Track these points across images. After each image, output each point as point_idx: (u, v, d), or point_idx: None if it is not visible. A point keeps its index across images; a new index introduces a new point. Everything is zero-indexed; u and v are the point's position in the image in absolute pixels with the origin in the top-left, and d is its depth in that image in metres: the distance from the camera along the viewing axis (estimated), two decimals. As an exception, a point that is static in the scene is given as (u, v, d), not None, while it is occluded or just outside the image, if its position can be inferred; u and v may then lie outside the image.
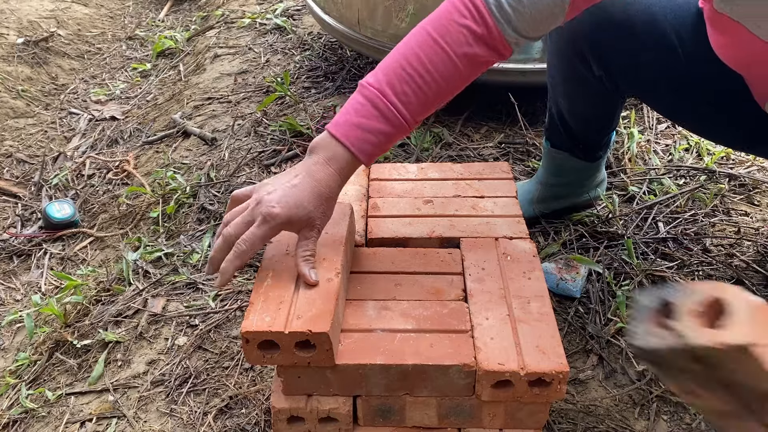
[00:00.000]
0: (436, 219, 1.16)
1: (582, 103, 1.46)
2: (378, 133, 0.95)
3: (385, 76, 0.95)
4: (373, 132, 0.94)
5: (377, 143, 0.95)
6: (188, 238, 1.79)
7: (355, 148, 0.94)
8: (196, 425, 1.26)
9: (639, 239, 1.59)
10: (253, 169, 2.02)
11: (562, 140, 1.55)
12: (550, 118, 1.55)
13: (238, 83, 2.58)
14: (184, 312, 1.53)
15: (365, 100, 0.95)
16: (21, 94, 2.88)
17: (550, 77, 1.50)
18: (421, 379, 0.92)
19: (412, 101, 0.94)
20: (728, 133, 1.32)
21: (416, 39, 0.96)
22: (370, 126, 0.94)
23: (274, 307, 0.92)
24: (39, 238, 2.07)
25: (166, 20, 3.80)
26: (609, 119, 1.51)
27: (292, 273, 0.98)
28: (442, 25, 0.95)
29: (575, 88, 1.44)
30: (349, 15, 2.14)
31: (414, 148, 1.99)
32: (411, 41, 0.97)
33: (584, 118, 1.49)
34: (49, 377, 1.49)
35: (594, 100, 1.44)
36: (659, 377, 0.78)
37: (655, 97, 1.36)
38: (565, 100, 1.48)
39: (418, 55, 0.94)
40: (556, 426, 1.20)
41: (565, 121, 1.51)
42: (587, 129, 1.51)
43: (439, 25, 0.95)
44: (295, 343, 0.89)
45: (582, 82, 1.39)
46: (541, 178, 1.64)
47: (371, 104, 0.95)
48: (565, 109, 1.49)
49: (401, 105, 0.94)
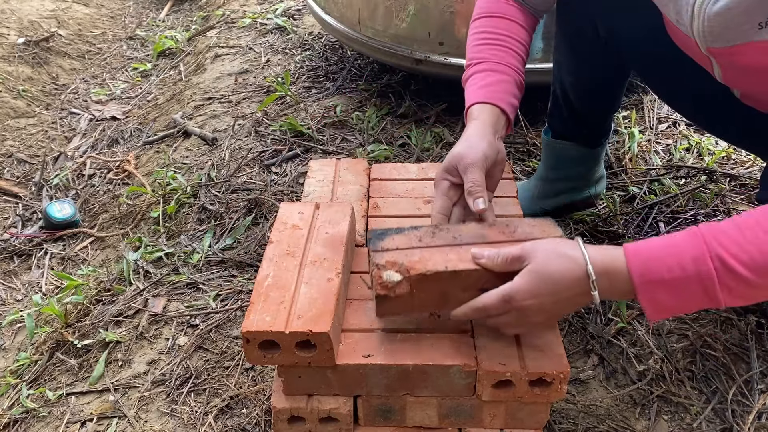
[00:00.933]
0: (436, 219, 1.15)
1: (586, 73, 1.46)
2: (502, 83, 1.16)
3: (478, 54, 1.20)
4: (497, 83, 1.16)
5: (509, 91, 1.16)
6: (189, 238, 1.79)
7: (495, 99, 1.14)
8: (196, 425, 1.26)
9: (639, 239, 1.59)
10: (253, 168, 2.02)
11: (564, 125, 1.55)
12: (554, 101, 1.55)
13: (238, 83, 2.58)
14: (184, 312, 1.53)
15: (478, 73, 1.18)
16: (22, 94, 2.88)
17: (556, 52, 1.50)
18: (422, 380, 0.93)
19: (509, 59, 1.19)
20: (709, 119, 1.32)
21: (480, 24, 1.24)
22: (494, 80, 1.16)
23: (274, 307, 0.92)
24: (39, 238, 2.07)
25: (166, 20, 3.80)
26: (612, 96, 1.51)
27: (293, 273, 0.98)
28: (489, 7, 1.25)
29: (580, 56, 1.43)
30: (349, 15, 2.14)
31: (415, 147, 1.99)
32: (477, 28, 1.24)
33: (588, 91, 1.48)
34: (49, 377, 1.49)
35: (598, 68, 1.43)
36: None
37: (647, 67, 1.34)
38: (570, 74, 1.48)
39: (490, 32, 1.21)
40: (556, 426, 1.20)
41: (569, 100, 1.50)
42: (591, 106, 1.51)
43: (486, 7, 1.25)
44: (296, 343, 0.89)
45: (587, 47, 1.39)
46: (541, 173, 1.65)
47: (479, 72, 1.17)
48: (569, 85, 1.49)
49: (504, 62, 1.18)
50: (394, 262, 0.90)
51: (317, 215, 1.10)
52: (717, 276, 0.81)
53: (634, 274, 0.83)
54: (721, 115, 1.26)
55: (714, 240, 0.82)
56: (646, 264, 0.84)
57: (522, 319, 0.89)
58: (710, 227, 0.84)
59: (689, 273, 0.82)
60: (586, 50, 1.41)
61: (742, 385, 1.26)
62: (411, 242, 0.95)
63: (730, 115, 1.22)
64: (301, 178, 1.93)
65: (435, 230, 0.97)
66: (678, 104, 1.43)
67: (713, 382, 1.28)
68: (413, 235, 0.96)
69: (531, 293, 0.86)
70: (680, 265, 0.82)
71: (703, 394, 1.27)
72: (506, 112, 1.14)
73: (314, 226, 1.07)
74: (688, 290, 0.83)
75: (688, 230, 0.85)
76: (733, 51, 0.94)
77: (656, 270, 0.83)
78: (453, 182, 1.06)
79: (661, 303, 0.84)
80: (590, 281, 0.85)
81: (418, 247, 0.93)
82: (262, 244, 1.69)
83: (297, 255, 1.02)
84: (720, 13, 0.90)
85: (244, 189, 1.92)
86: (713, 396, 1.26)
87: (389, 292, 0.88)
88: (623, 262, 0.84)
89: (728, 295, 0.82)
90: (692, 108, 1.36)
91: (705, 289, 0.82)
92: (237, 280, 1.61)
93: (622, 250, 0.86)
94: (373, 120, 2.12)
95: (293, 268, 0.99)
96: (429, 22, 1.93)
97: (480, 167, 1.04)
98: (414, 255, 0.91)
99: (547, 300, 0.86)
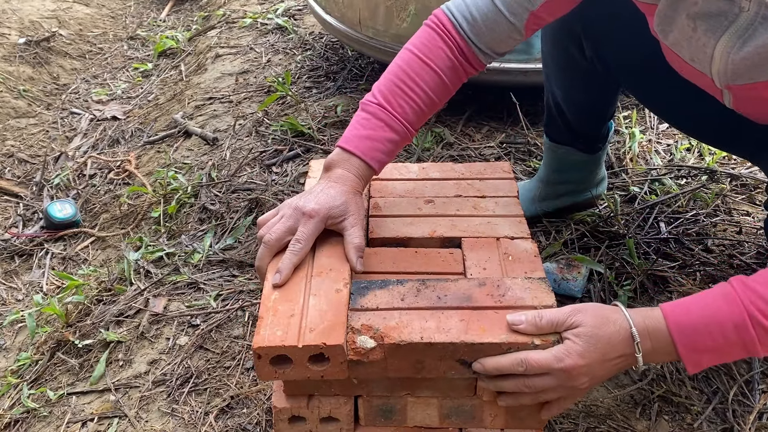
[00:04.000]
0: (437, 219, 1.16)
1: (576, 91, 1.46)
2: (385, 141, 1.07)
3: (381, 93, 1.09)
4: (381, 140, 1.07)
5: (386, 150, 1.08)
6: (189, 237, 1.79)
7: (367, 157, 1.06)
8: (197, 425, 1.26)
9: (640, 239, 1.59)
10: (254, 168, 2.02)
11: (561, 133, 1.55)
12: (548, 111, 1.55)
13: (239, 83, 2.59)
14: (185, 312, 1.53)
15: (368, 114, 1.08)
16: (22, 93, 2.88)
17: (545, 67, 1.49)
18: (424, 379, 0.92)
19: (408, 112, 1.08)
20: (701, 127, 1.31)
21: (403, 59, 1.11)
22: (377, 136, 1.07)
23: (284, 321, 0.90)
24: (40, 238, 2.07)
25: (167, 20, 3.80)
26: (604, 107, 1.50)
27: (300, 285, 0.97)
28: (423, 44, 1.11)
29: (568, 74, 1.43)
30: (350, 15, 2.14)
31: (415, 147, 1.99)
32: (399, 62, 1.11)
33: (579, 106, 1.48)
34: (50, 377, 1.49)
35: (587, 86, 1.43)
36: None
37: (637, 82, 1.34)
38: (560, 89, 1.47)
39: (407, 73, 1.09)
40: (557, 426, 1.20)
41: (562, 111, 1.50)
42: (583, 118, 1.50)
43: (420, 45, 1.11)
44: (309, 357, 0.88)
45: (574, 66, 1.39)
46: (542, 176, 1.64)
47: (375, 117, 1.07)
48: (561, 99, 1.49)
49: (399, 116, 1.07)
50: (370, 327, 0.89)
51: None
52: (759, 340, 0.86)
53: (679, 345, 0.87)
54: (723, 130, 1.25)
55: (753, 306, 0.85)
56: (689, 335, 0.87)
57: (567, 382, 0.88)
58: (744, 289, 0.87)
59: (732, 341, 0.86)
60: (575, 70, 1.40)
61: (743, 385, 1.26)
62: (393, 301, 0.94)
63: (733, 131, 1.22)
64: (301, 178, 1.93)
65: (420, 287, 0.96)
66: (676, 122, 1.43)
67: (714, 382, 1.28)
68: (396, 292, 0.95)
69: (582, 355, 0.86)
70: (723, 335, 0.86)
71: (704, 394, 1.27)
72: (374, 170, 1.09)
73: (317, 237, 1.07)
74: (730, 353, 0.89)
75: (723, 292, 0.88)
76: (754, 87, 0.93)
77: (701, 342, 0.87)
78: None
79: (703, 363, 0.89)
80: (635, 343, 0.87)
81: (399, 309, 0.92)
82: (262, 244, 1.69)
83: (303, 266, 1.00)
84: (748, 57, 0.89)
85: (245, 189, 1.93)
86: (714, 396, 1.26)
87: (362, 357, 0.88)
88: (665, 330, 0.88)
89: (766, 349, 0.87)
90: (691, 125, 1.35)
91: (747, 350, 0.87)
92: (238, 280, 1.61)
93: (662, 316, 0.88)
94: (373, 120, 2.12)
95: (300, 280, 0.98)
96: (430, 22, 1.93)
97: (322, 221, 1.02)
98: (392, 318, 0.91)
99: (596, 362, 0.87)
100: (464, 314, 0.91)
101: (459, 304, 0.93)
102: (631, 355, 0.88)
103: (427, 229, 1.13)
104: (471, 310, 0.92)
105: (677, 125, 1.47)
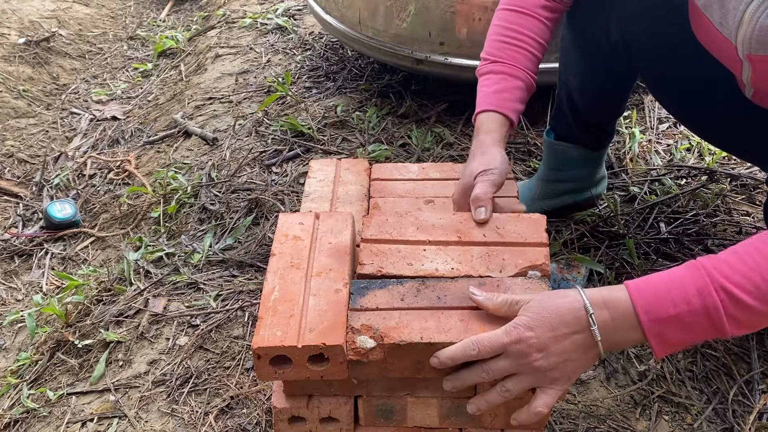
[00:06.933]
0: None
1: (594, 77, 1.45)
2: (512, 90, 1.19)
3: (490, 54, 1.22)
4: (509, 90, 1.19)
5: (515, 98, 1.20)
6: (189, 238, 1.79)
7: (503, 108, 1.18)
8: (197, 425, 1.26)
9: (640, 239, 1.59)
10: (254, 168, 2.02)
11: (568, 128, 1.55)
12: (558, 104, 1.55)
13: (239, 83, 2.58)
14: (185, 312, 1.53)
15: (487, 75, 1.21)
16: (22, 94, 2.88)
17: (563, 56, 1.50)
18: (423, 379, 0.92)
19: (521, 60, 1.21)
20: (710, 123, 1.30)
21: (499, 18, 1.24)
22: (502, 88, 1.19)
23: (284, 321, 0.90)
24: (40, 238, 2.07)
25: (167, 20, 3.80)
26: (617, 101, 1.51)
27: (299, 285, 0.97)
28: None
29: (588, 60, 1.43)
30: (350, 15, 2.14)
31: (415, 147, 1.99)
32: (496, 22, 1.25)
33: (594, 95, 1.48)
34: (50, 377, 1.49)
35: (606, 73, 1.42)
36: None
37: (657, 68, 1.32)
38: (577, 77, 1.47)
39: (507, 27, 1.22)
40: (557, 426, 1.20)
41: (574, 104, 1.50)
42: (596, 110, 1.50)
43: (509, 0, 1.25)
44: (308, 357, 0.88)
45: (596, 50, 1.38)
46: (542, 174, 1.64)
47: (493, 73, 1.20)
48: (575, 89, 1.49)
49: (516, 63, 1.20)
50: (369, 327, 0.89)
51: (318, 225, 1.09)
52: (723, 307, 0.80)
53: (640, 312, 0.82)
54: (734, 129, 1.24)
55: (716, 270, 0.81)
56: (650, 300, 0.83)
57: (521, 359, 0.84)
58: (709, 258, 0.84)
59: (695, 306, 0.81)
60: (596, 54, 1.40)
61: (742, 385, 1.26)
62: (392, 301, 0.93)
63: (744, 131, 1.21)
64: (301, 178, 1.93)
65: (420, 287, 0.95)
66: (686, 116, 1.40)
67: (714, 382, 1.28)
68: (396, 291, 0.95)
69: (528, 326, 0.84)
70: (685, 299, 0.81)
71: (704, 394, 1.27)
72: (511, 120, 1.20)
73: (316, 237, 1.06)
74: (694, 324, 0.82)
75: (687, 264, 0.85)
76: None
77: (662, 306, 0.82)
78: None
79: (668, 338, 0.83)
80: (588, 315, 0.84)
81: (398, 309, 0.92)
82: (262, 244, 1.69)
83: (302, 267, 1.00)
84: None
85: (245, 189, 1.93)
86: (714, 396, 1.26)
87: (362, 357, 0.88)
88: (626, 298, 0.84)
89: (734, 325, 0.81)
90: (701, 120, 1.33)
91: (711, 321, 0.81)
92: (237, 280, 1.61)
93: (623, 286, 0.85)
94: (373, 120, 2.12)
95: (299, 280, 0.97)
96: (430, 22, 1.93)
97: (494, 183, 1.10)
98: (392, 318, 0.90)
99: (545, 335, 0.84)
100: (464, 314, 0.91)
101: (459, 304, 0.93)
102: (586, 329, 0.84)
103: (427, 229, 1.13)
104: (471, 310, 0.92)
105: (686, 120, 1.44)
